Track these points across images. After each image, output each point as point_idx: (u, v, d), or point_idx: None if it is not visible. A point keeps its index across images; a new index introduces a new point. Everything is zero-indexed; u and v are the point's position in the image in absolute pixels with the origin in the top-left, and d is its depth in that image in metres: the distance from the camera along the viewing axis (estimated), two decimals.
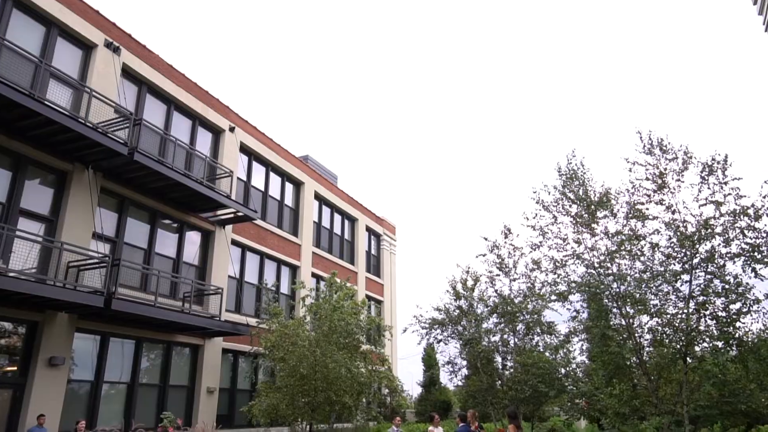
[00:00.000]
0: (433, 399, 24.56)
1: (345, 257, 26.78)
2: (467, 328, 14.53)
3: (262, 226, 21.00)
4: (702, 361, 10.51)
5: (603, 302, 11.44)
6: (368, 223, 29.12)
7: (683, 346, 10.60)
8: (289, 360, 13.59)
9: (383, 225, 30.67)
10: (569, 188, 12.11)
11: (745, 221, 10.07)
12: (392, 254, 31.18)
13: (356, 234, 27.98)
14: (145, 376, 15.75)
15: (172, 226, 17.47)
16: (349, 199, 27.68)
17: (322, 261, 24.46)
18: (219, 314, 16.78)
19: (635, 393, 10.83)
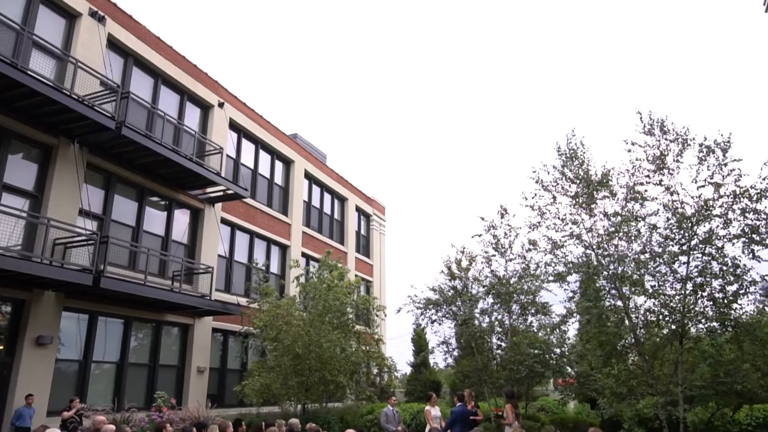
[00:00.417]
0: (423, 379, 24.62)
1: (335, 237, 26.56)
2: (462, 309, 14.45)
3: (251, 204, 20.67)
4: (698, 341, 10.52)
5: (600, 283, 11.39)
6: (358, 203, 28.88)
7: (679, 326, 10.60)
8: (284, 339, 13.42)
9: (373, 205, 30.45)
10: (569, 168, 11.98)
11: (744, 202, 10.01)
12: (382, 235, 31.02)
13: (346, 214, 27.74)
14: (135, 355, 15.49)
15: (161, 203, 17.09)
16: (339, 179, 27.38)
17: (312, 241, 24.22)
18: (209, 293, 16.51)
19: (632, 373, 10.84)
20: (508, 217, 13.99)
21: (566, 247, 11.99)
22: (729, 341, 9.76)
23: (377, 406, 15.47)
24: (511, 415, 10.34)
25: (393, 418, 12.25)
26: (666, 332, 10.93)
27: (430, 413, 11.47)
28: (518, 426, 6.89)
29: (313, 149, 26.88)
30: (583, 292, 11.85)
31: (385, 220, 31.67)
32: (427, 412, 11.58)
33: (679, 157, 10.89)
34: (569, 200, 12.03)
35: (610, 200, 11.71)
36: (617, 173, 11.65)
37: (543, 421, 13.24)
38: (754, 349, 9.85)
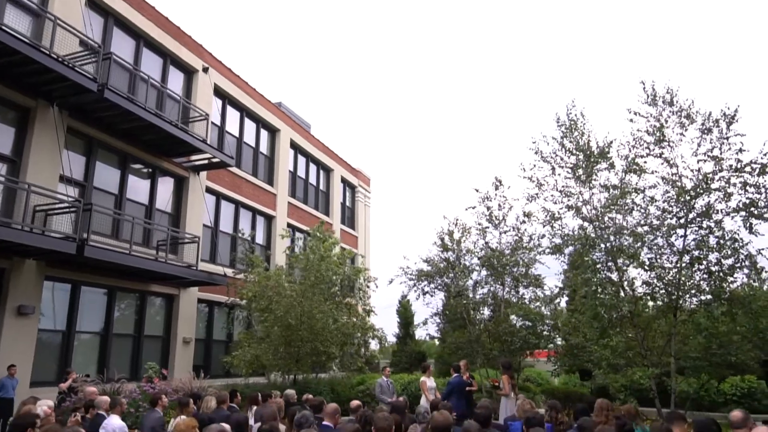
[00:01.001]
0: (409, 351, 24.74)
1: (320, 208, 26.25)
2: (454, 281, 14.37)
3: (237, 173, 20.23)
4: (692, 314, 10.59)
5: (596, 255, 11.35)
6: (344, 174, 28.53)
7: (674, 299, 10.63)
8: (276, 310, 13.21)
9: (358, 177, 30.13)
10: (569, 139, 11.82)
11: (745, 176, 9.96)
12: (367, 206, 30.79)
13: (331, 185, 27.41)
14: (119, 326, 15.19)
15: (144, 171, 16.59)
16: (325, 149, 26.96)
17: (297, 211, 23.89)
18: (196, 263, 16.17)
19: (629, 344, 10.89)
20: (502, 189, 13.87)
21: (563, 219, 11.91)
22: (724, 314, 9.81)
23: (368, 377, 15.46)
24: (508, 386, 10.34)
25: (387, 388, 12.19)
26: (660, 304, 10.96)
27: (426, 384, 11.43)
28: (524, 398, 6.80)
29: (298, 119, 26.34)
30: (574, 264, 11.82)
31: (370, 192, 31.41)
32: (423, 383, 11.53)
33: (682, 129, 10.77)
34: (568, 172, 11.90)
35: (609, 172, 11.61)
36: (617, 145, 11.53)
37: (534, 392, 13.37)
38: (748, 321, 9.93)
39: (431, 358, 25.19)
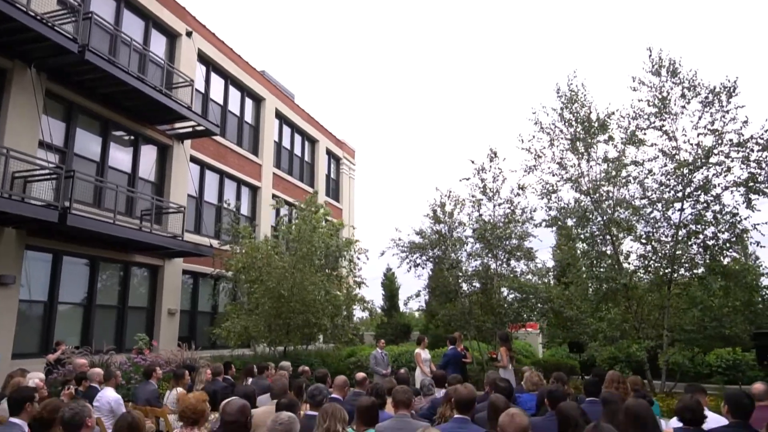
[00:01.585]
0: (394, 323, 24.77)
1: (305, 180, 25.88)
2: (446, 253, 14.27)
3: (221, 142, 19.72)
4: (687, 287, 10.65)
5: (592, 229, 11.32)
6: (328, 146, 28.11)
7: (668, 272, 10.67)
8: (268, 281, 12.97)
9: (343, 148, 29.73)
10: (569, 110, 11.66)
11: (747, 151, 9.93)
12: (351, 179, 30.47)
13: (316, 156, 26.99)
14: (103, 297, 14.82)
15: (126, 138, 16.04)
16: (310, 119, 26.46)
17: (282, 182, 23.50)
18: (181, 234, 15.79)
19: (625, 317, 10.94)
20: (497, 161, 13.69)
21: (560, 192, 11.83)
22: (720, 288, 9.86)
23: (358, 349, 15.40)
24: (506, 358, 10.34)
25: (382, 360, 12.14)
26: (654, 277, 11.00)
27: (420, 356, 11.38)
28: (532, 370, 6.73)
29: (282, 88, 25.74)
30: (569, 237, 11.78)
31: (354, 164, 31.06)
32: (417, 355, 11.49)
33: (684, 101, 10.67)
34: (566, 143, 11.76)
35: (607, 144, 11.50)
36: (618, 117, 11.40)
37: (525, 364, 13.42)
38: (743, 295, 10.01)
39: (416, 330, 25.28)
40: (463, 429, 4.23)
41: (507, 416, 3.45)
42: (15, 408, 4.53)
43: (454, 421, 4.35)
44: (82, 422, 3.86)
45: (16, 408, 4.53)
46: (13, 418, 4.50)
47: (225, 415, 3.65)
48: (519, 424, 3.37)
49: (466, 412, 4.36)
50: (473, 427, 4.29)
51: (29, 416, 4.51)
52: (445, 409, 5.12)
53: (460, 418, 4.34)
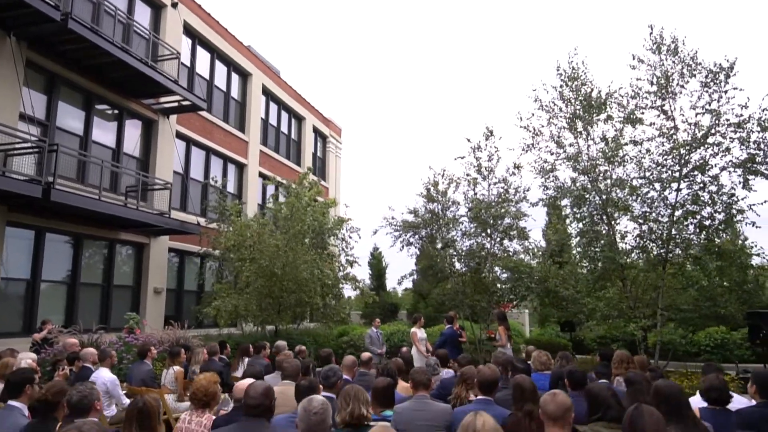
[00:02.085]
0: (381, 302, 24.71)
1: (291, 158, 25.48)
2: (439, 232, 14.13)
3: (208, 118, 19.25)
4: (682, 267, 10.67)
5: (588, 210, 11.27)
6: (315, 124, 27.68)
7: (664, 252, 10.68)
8: (260, 260, 12.71)
9: (330, 126, 29.31)
10: (569, 87, 11.50)
11: (746, 131, 9.89)
12: (338, 158, 30.12)
13: (303, 134, 26.57)
14: (87, 275, 14.45)
15: (110, 112, 15.53)
16: (297, 96, 25.97)
17: (269, 160, 23.10)
18: (168, 211, 15.42)
19: (621, 296, 10.95)
20: (493, 139, 13.52)
21: (557, 171, 11.74)
22: (716, 269, 9.88)
23: (350, 328, 15.29)
24: (504, 337, 10.31)
25: (377, 339, 12.04)
26: (649, 257, 11.01)
27: (417, 335, 11.29)
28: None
29: (268, 64, 25.19)
30: (567, 216, 11.72)
31: (341, 142, 30.69)
32: (413, 334, 11.39)
33: (684, 81, 10.58)
34: (565, 122, 11.63)
35: (605, 124, 11.40)
36: (618, 95, 11.28)
37: (518, 343, 13.46)
38: (738, 275, 10.07)
39: (404, 309, 25.31)
40: (488, 410, 4.09)
41: (549, 396, 3.32)
42: (14, 390, 4.29)
43: (478, 402, 4.23)
44: (90, 405, 3.65)
45: (15, 390, 4.29)
46: (13, 402, 4.26)
47: (248, 399, 3.46)
48: (562, 403, 3.25)
49: (489, 393, 4.24)
50: (497, 409, 4.18)
51: (29, 399, 4.28)
52: (460, 389, 5.00)
53: (484, 399, 4.22)
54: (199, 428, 4.05)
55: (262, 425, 3.39)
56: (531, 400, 3.95)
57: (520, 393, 4.02)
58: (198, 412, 4.11)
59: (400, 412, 4.27)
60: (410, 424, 4.12)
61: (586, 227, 11.14)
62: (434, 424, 4.06)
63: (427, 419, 4.14)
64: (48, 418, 3.81)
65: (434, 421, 4.13)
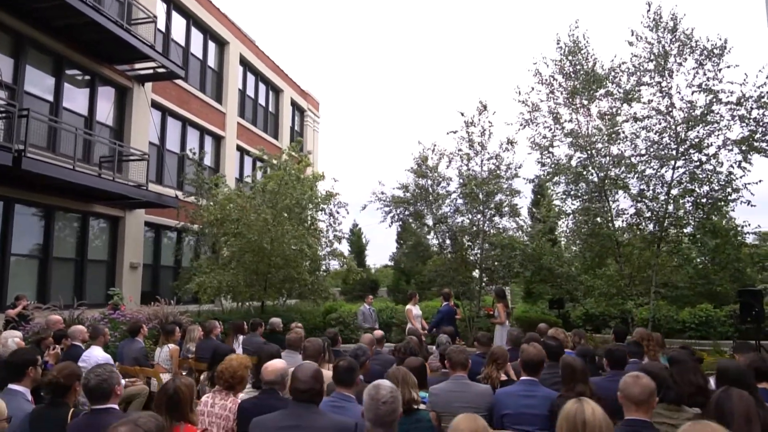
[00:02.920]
0: (361, 279, 24.43)
1: (269, 131, 24.81)
2: (430, 208, 13.87)
3: (184, 87, 18.45)
4: (678, 245, 10.69)
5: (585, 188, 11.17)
6: (293, 96, 26.96)
7: (659, 230, 10.67)
8: (248, 234, 12.22)
9: (308, 100, 28.62)
10: (570, 61, 11.26)
11: (744, 109, 9.86)
12: (315, 132, 29.50)
13: (281, 107, 25.86)
14: (60, 249, 13.78)
15: (82, 78, 14.70)
16: (275, 68, 25.19)
17: (246, 133, 22.41)
18: (146, 183, 14.77)
19: (622, 274, 10.94)
20: (486, 113, 13.23)
21: (557, 147, 11.58)
22: (716, 246, 9.90)
23: (337, 304, 15.00)
24: (504, 314, 10.18)
25: (370, 317, 11.81)
26: (645, 235, 11.00)
27: (412, 312, 11.10)
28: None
29: (245, 32, 24.27)
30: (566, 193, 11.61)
31: (319, 116, 30.05)
32: (408, 311, 11.19)
33: (681, 59, 10.47)
34: (564, 97, 11.44)
35: (604, 99, 11.25)
36: (618, 70, 11.11)
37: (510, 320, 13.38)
38: (735, 253, 10.13)
39: (383, 286, 25.12)
40: (534, 392, 3.90)
41: (632, 378, 3.09)
42: (15, 373, 3.85)
43: (522, 383, 4.00)
44: (110, 390, 3.27)
45: (17, 373, 3.85)
46: (14, 385, 3.83)
47: (297, 382, 3.13)
48: (647, 386, 3.03)
49: (534, 373, 4.02)
50: (544, 390, 3.96)
51: (33, 382, 3.87)
52: (491, 369, 4.77)
53: (529, 380, 3.99)
54: (223, 412, 3.72)
55: (313, 411, 3.08)
56: (582, 380, 3.75)
57: (571, 373, 3.81)
58: (222, 394, 3.77)
59: (436, 393, 4.02)
60: (448, 406, 3.88)
61: (584, 204, 11.04)
62: (474, 406, 3.81)
63: (467, 401, 3.89)
64: (59, 404, 3.42)
65: (474, 403, 3.89)
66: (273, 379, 3.75)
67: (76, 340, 6.48)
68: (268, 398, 3.69)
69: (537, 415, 3.73)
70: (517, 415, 3.81)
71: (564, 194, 11.66)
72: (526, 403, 3.85)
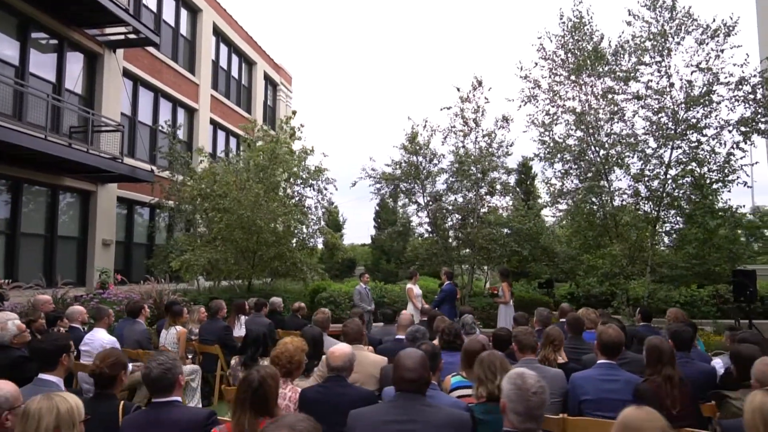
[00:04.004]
0: (338, 257, 24.06)
1: (242, 105, 23.95)
2: (422, 185, 13.57)
3: (156, 56, 17.50)
4: (676, 225, 10.72)
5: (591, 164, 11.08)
6: (266, 70, 26.07)
7: (657, 210, 10.68)
8: (239, 210, 11.62)
9: (280, 73, 27.76)
10: (573, 36, 11.03)
11: (749, 87, 9.85)
12: (288, 107, 28.64)
13: (254, 80, 24.97)
14: (28, 224, 12.93)
15: (48, 43, 13.71)
16: (249, 39, 24.24)
17: (220, 106, 21.57)
18: (121, 155, 13.97)
19: (625, 254, 10.90)
20: (482, 89, 12.93)
21: (559, 124, 11.40)
22: (717, 227, 9.95)
23: (326, 284, 14.60)
24: (508, 293, 10.04)
25: (366, 296, 11.49)
26: (642, 214, 11.01)
27: (413, 291, 10.84)
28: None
29: None
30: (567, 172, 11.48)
31: (291, 91, 29.24)
32: (409, 290, 10.93)
33: (679, 38, 10.38)
34: (565, 75, 11.24)
35: (609, 78, 11.09)
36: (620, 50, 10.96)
37: None
38: (732, 233, 10.23)
39: (361, 264, 24.78)
40: (616, 376, 3.68)
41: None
42: (48, 362, 3.39)
43: (600, 367, 3.77)
44: (174, 381, 2.87)
45: (49, 361, 3.39)
46: (46, 375, 3.37)
47: (405, 371, 2.79)
48: None
49: (612, 356, 3.79)
50: (625, 374, 3.74)
51: (66, 371, 3.42)
52: (548, 352, 4.54)
53: (607, 363, 3.77)
54: (282, 401, 3.36)
55: (424, 402, 2.76)
56: (670, 363, 3.55)
57: (658, 356, 3.60)
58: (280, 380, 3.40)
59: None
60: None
61: (588, 183, 10.93)
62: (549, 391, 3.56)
63: None
64: (106, 396, 3.01)
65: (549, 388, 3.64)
66: (340, 365, 3.41)
67: (75, 321, 5.95)
68: (335, 386, 3.36)
69: (620, 400, 3.51)
70: (598, 401, 3.60)
71: (561, 173, 11.54)
72: (607, 387, 3.64)
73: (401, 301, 13.00)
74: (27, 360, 4.78)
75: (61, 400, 2.28)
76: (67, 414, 2.24)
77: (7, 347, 4.70)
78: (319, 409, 3.22)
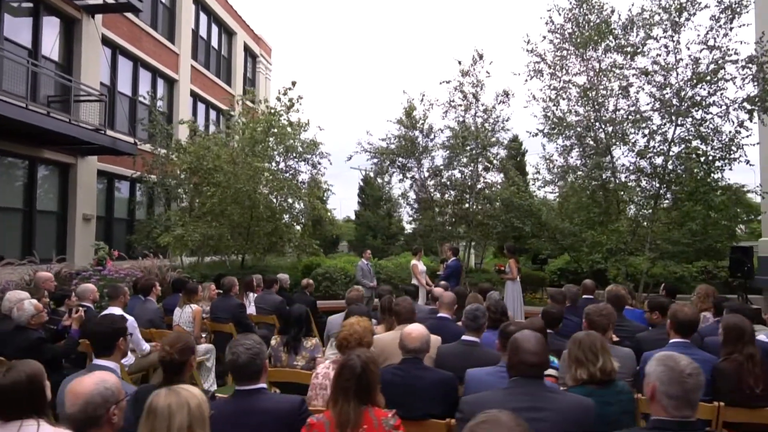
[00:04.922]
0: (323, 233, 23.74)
1: (222, 76, 23.19)
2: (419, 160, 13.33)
3: (135, 23, 16.70)
4: (677, 201, 10.76)
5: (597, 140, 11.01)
6: (246, 41, 25.25)
7: (659, 187, 10.70)
8: (236, 184, 11.18)
9: (260, 45, 26.95)
10: (582, 9, 10.82)
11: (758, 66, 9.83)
12: (268, 80, 27.95)
13: (234, 51, 24.17)
14: (5, 197, 12.31)
15: (21, 6, 12.92)
16: (228, 8, 23.37)
17: (200, 77, 20.83)
18: (104, 126, 13.35)
19: (630, 230, 10.91)
20: (482, 63, 12.69)
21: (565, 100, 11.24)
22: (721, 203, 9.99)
23: (319, 260, 14.31)
24: (515, 270, 9.95)
25: (368, 272, 11.28)
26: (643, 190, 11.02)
27: (418, 267, 10.68)
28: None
29: None
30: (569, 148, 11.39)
31: (271, 63, 28.46)
32: (414, 267, 10.76)
33: (689, 14, 10.28)
34: (573, 49, 11.06)
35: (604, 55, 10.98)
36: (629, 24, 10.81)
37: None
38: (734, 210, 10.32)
39: (345, 240, 24.50)
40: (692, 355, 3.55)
41: None
42: (105, 346, 3.09)
43: (675, 345, 3.65)
44: (262, 366, 2.63)
45: (106, 346, 3.09)
46: (102, 360, 3.07)
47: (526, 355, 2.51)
48: None
49: (687, 335, 3.69)
50: (701, 353, 3.64)
51: (123, 355, 3.13)
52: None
53: (682, 342, 3.66)
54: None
55: (547, 389, 2.57)
56: (751, 342, 3.46)
57: (739, 335, 3.50)
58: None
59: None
60: None
61: (595, 160, 10.86)
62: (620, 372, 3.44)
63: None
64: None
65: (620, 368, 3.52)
66: (418, 347, 3.21)
67: (86, 300, 5.60)
68: (413, 368, 3.17)
69: None
70: None
71: (565, 149, 11.45)
72: None
73: (397, 278, 12.86)
74: (44, 341, 4.48)
75: (190, 395, 2.03)
76: (197, 410, 1.99)
77: (24, 328, 4.37)
78: (395, 392, 3.04)
